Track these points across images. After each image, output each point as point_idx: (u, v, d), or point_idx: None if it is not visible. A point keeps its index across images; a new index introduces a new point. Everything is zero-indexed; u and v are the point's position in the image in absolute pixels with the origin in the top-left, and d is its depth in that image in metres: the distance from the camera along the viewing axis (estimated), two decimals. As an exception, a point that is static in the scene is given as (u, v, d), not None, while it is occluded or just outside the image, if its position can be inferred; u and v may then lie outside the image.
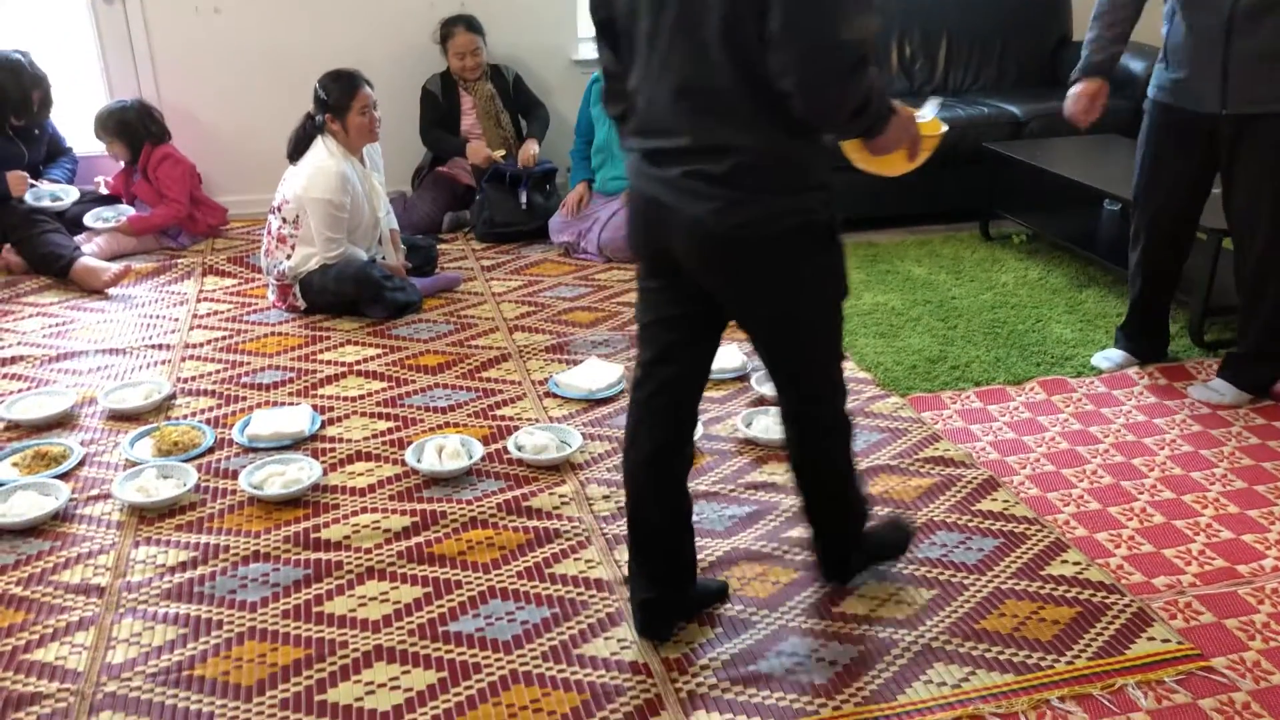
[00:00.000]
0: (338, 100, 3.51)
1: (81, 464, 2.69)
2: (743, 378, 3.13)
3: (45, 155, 4.29)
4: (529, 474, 2.64)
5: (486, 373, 3.21)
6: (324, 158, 3.51)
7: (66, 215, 4.13)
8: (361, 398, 3.05)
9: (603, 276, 4.02)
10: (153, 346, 3.41)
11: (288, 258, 3.59)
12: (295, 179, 3.55)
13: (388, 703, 1.89)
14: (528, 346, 3.39)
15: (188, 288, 3.92)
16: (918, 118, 1.85)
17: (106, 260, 3.98)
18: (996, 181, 4.31)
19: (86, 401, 3.02)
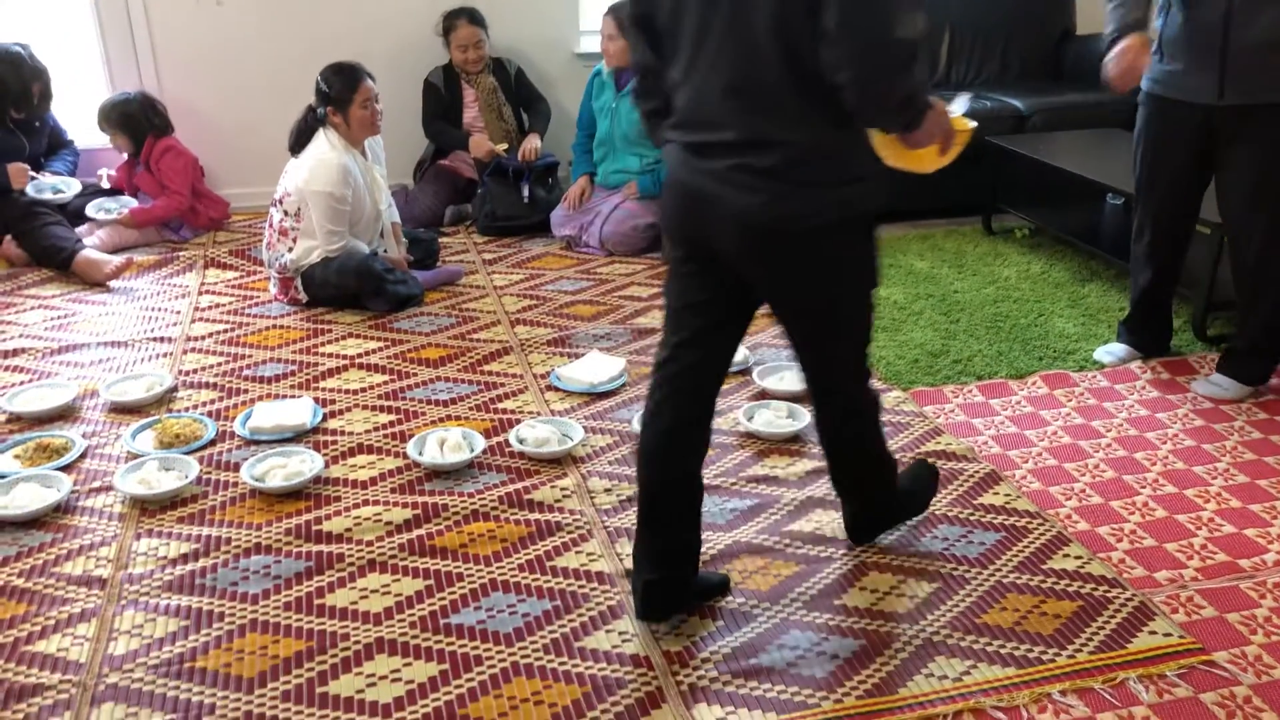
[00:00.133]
0: (339, 93, 3.50)
1: (83, 456, 2.69)
2: (744, 371, 3.13)
3: (46, 148, 4.29)
4: (530, 467, 2.64)
5: (488, 366, 3.21)
6: (325, 150, 3.51)
7: (68, 208, 4.13)
8: (363, 391, 3.05)
9: (604, 270, 4.02)
10: (154, 339, 3.41)
11: (289, 250, 3.59)
12: (297, 172, 3.54)
13: (389, 695, 1.89)
14: (529, 340, 3.39)
15: (189, 280, 3.92)
16: (949, 113, 1.87)
17: (108, 253, 3.98)
18: (999, 176, 4.30)
19: (88, 394, 3.03)
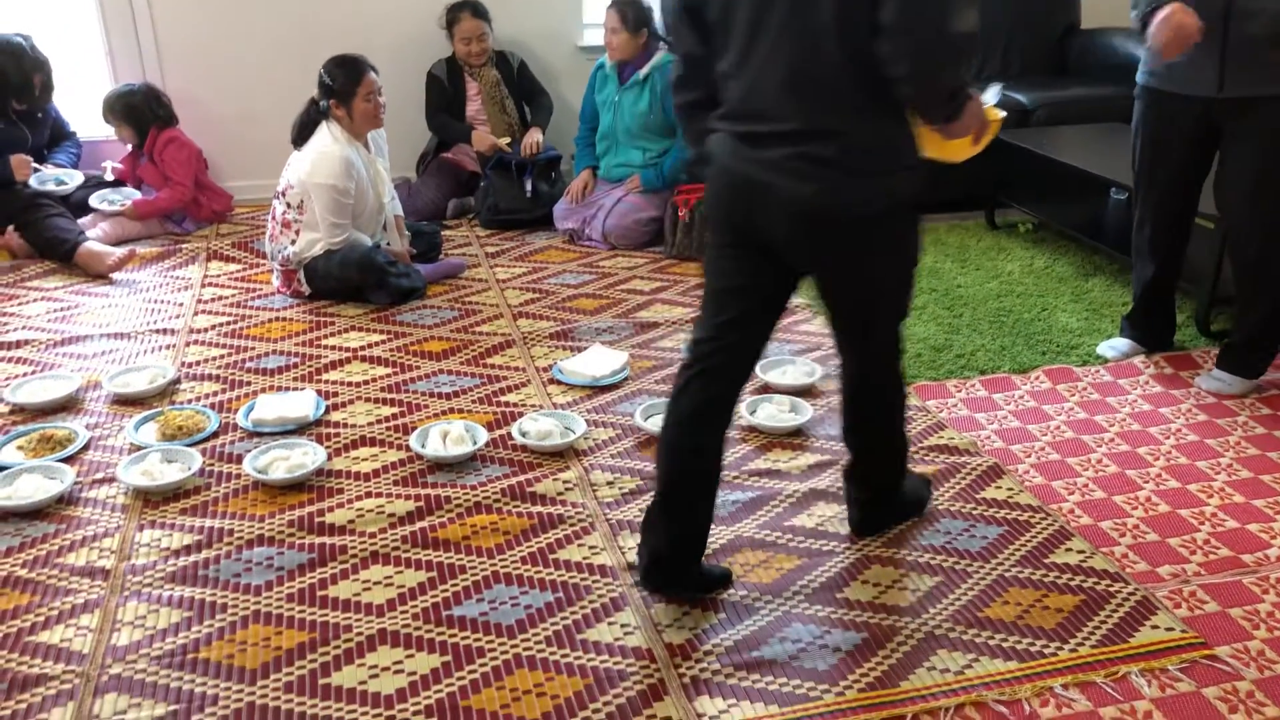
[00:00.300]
0: (343, 86, 3.50)
1: (86, 448, 2.69)
2: (747, 365, 3.12)
3: (49, 139, 4.28)
4: (533, 460, 2.64)
5: (491, 359, 3.21)
6: (328, 143, 3.50)
7: (71, 199, 4.13)
8: (366, 383, 3.05)
9: (607, 264, 4.02)
10: (157, 331, 3.41)
11: (292, 243, 3.58)
12: (300, 164, 3.54)
13: (391, 686, 1.89)
14: (532, 333, 3.39)
15: (192, 273, 3.91)
16: (983, 103, 1.93)
17: (111, 245, 3.98)
18: (1003, 170, 4.29)
19: (91, 385, 3.03)
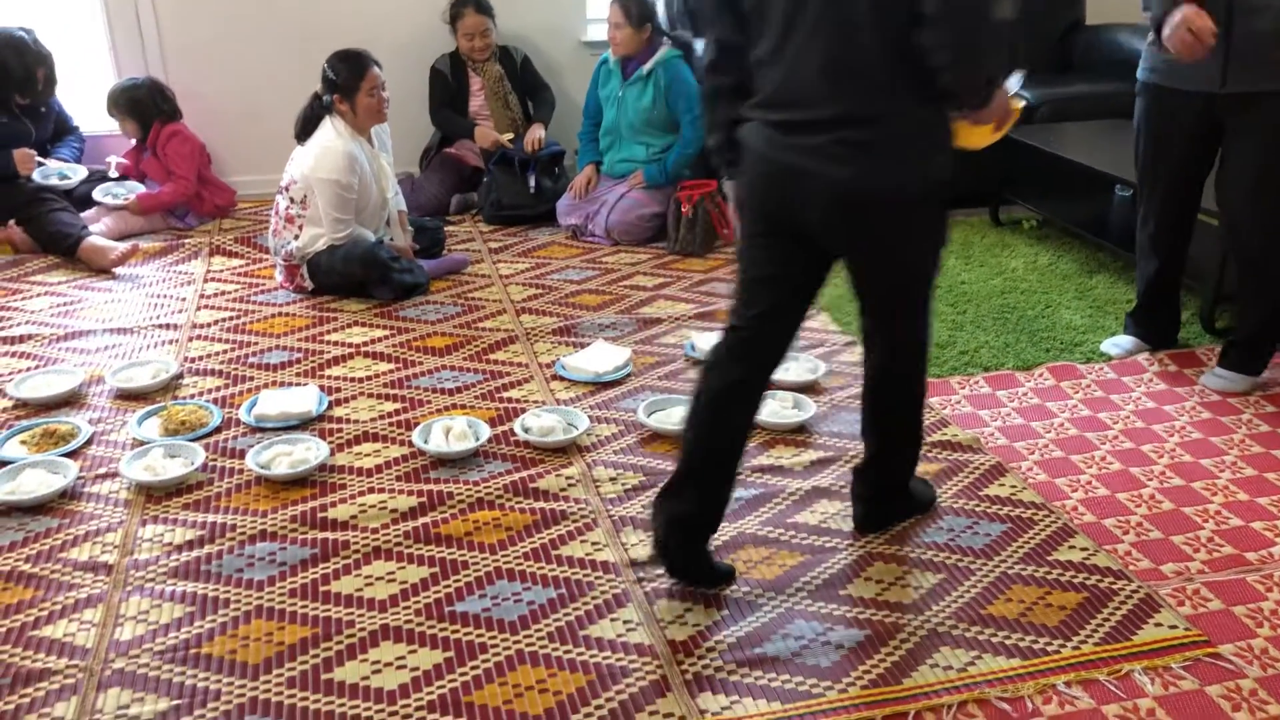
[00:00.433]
0: (346, 81, 3.49)
1: (89, 442, 2.69)
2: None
3: (52, 134, 4.28)
4: (536, 456, 2.64)
5: (494, 355, 3.21)
6: (332, 138, 3.50)
7: (74, 194, 4.14)
8: (369, 379, 3.05)
9: (610, 259, 4.01)
10: (160, 326, 3.41)
11: (295, 238, 3.58)
12: (303, 159, 3.54)
13: (394, 681, 1.89)
14: (535, 329, 3.38)
15: (195, 268, 3.92)
16: (1006, 91, 1.97)
17: (114, 240, 3.98)
18: (1007, 166, 4.28)
19: (94, 380, 3.03)
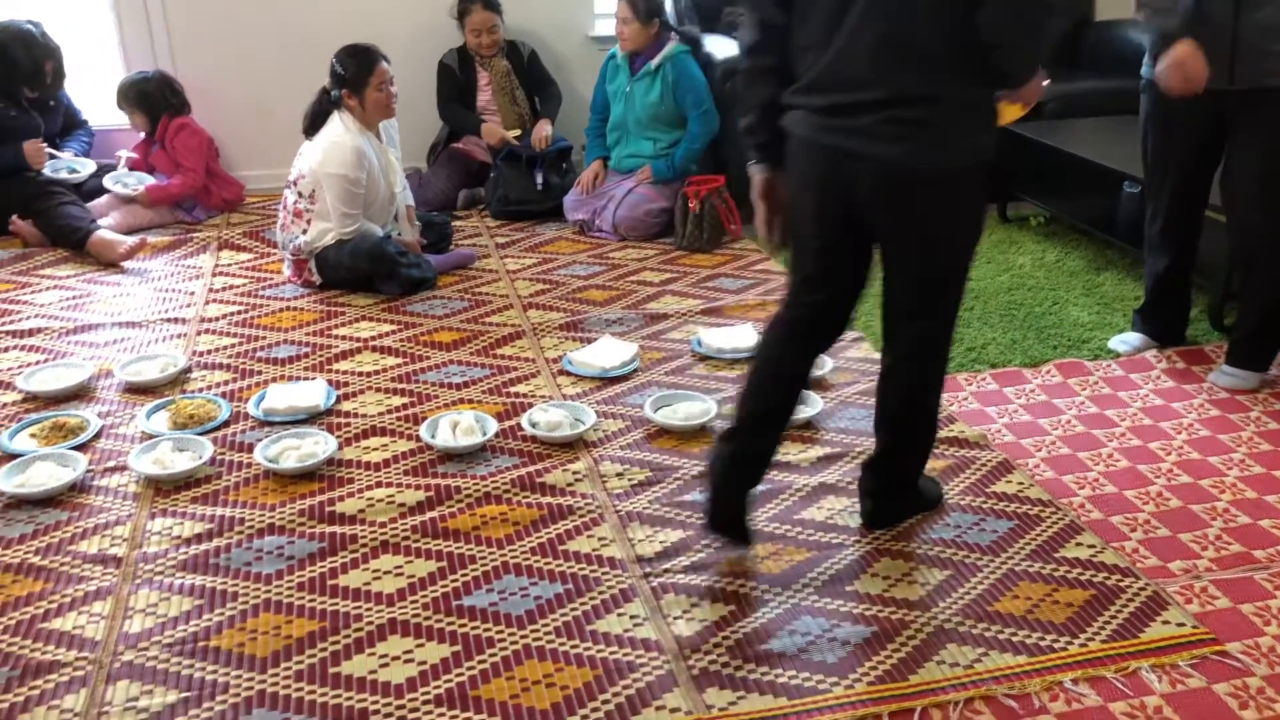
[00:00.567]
0: (355, 75, 3.50)
1: (98, 436, 2.70)
2: (757, 357, 3.12)
3: (61, 128, 4.30)
4: (542, 451, 2.64)
5: (501, 350, 3.21)
6: (340, 133, 3.51)
7: (83, 188, 4.15)
8: (376, 373, 3.06)
9: (617, 255, 4.01)
10: (169, 320, 3.42)
11: (303, 233, 3.59)
12: (311, 154, 3.54)
13: (401, 675, 1.90)
14: (542, 324, 3.39)
15: (203, 262, 3.92)
16: None
17: (122, 234, 3.99)
18: (1015, 163, 4.27)
19: (103, 374, 3.04)
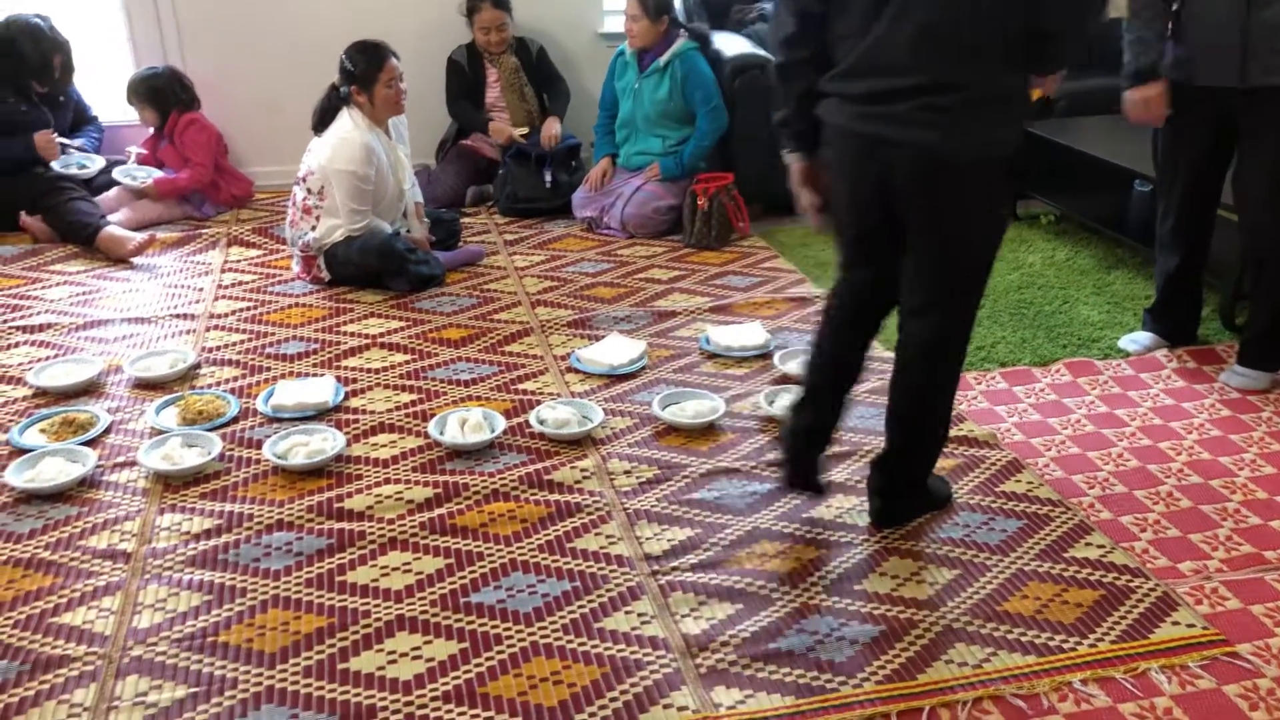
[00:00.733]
0: (364, 72, 3.50)
1: (108, 431, 2.71)
2: (765, 355, 3.12)
3: (71, 123, 4.31)
4: (550, 448, 2.64)
5: (509, 347, 3.21)
6: (349, 129, 3.51)
7: (93, 183, 4.16)
8: (385, 370, 3.06)
9: (625, 252, 4.01)
10: (178, 316, 3.43)
11: (312, 229, 3.59)
12: (320, 150, 3.55)
13: (409, 672, 1.90)
14: (550, 321, 3.39)
15: (213, 258, 3.93)
16: None
17: (131, 230, 4.00)
18: (1025, 161, 4.24)
19: (113, 370, 3.05)
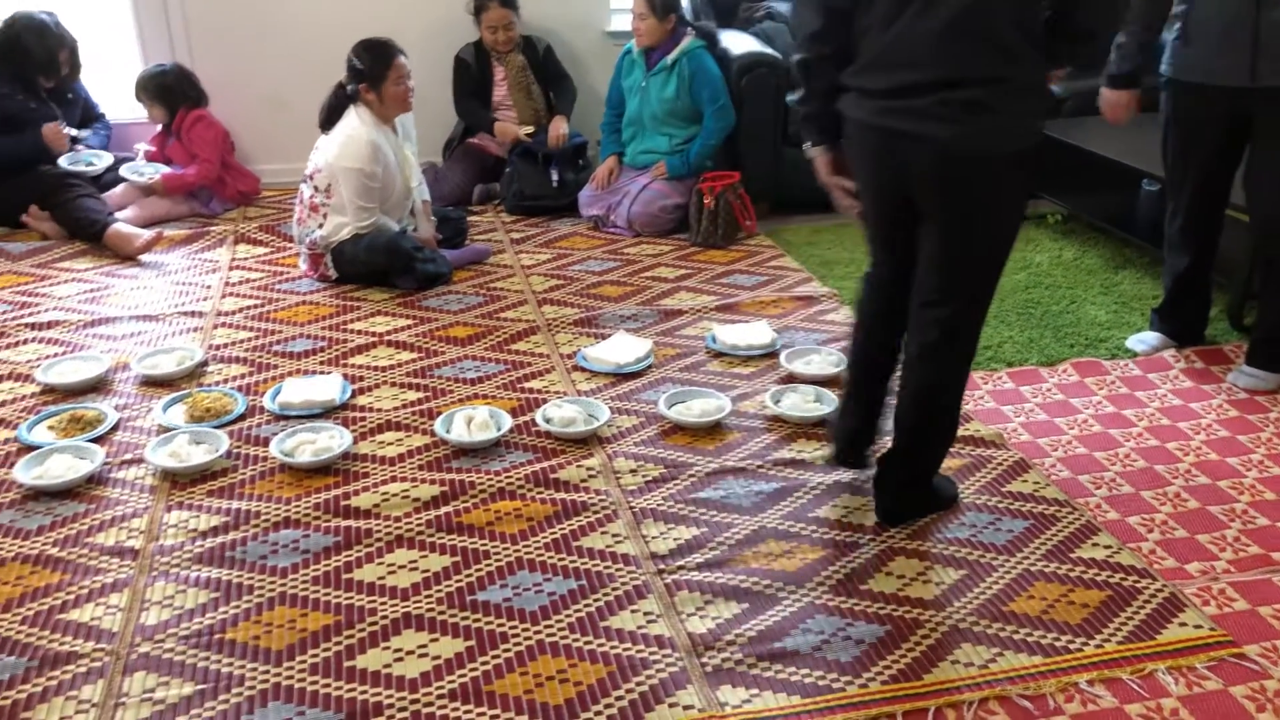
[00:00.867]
0: (374, 70, 3.50)
1: (116, 428, 2.72)
2: (772, 354, 3.12)
3: (79, 121, 4.32)
4: (557, 446, 2.64)
5: (515, 345, 3.21)
6: (356, 126, 3.51)
7: (101, 181, 4.17)
8: (391, 368, 3.06)
9: (632, 250, 4.01)
10: (185, 313, 3.44)
11: (320, 226, 3.60)
12: (327, 148, 3.55)
13: (416, 670, 1.91)
14: (556, 320, 3.39)
15: (220, 256, 3.94)
16: None
17: (139, 227, 4.01)
18: (1032, 160, 4.23)
19: (120, 367, 3.06)
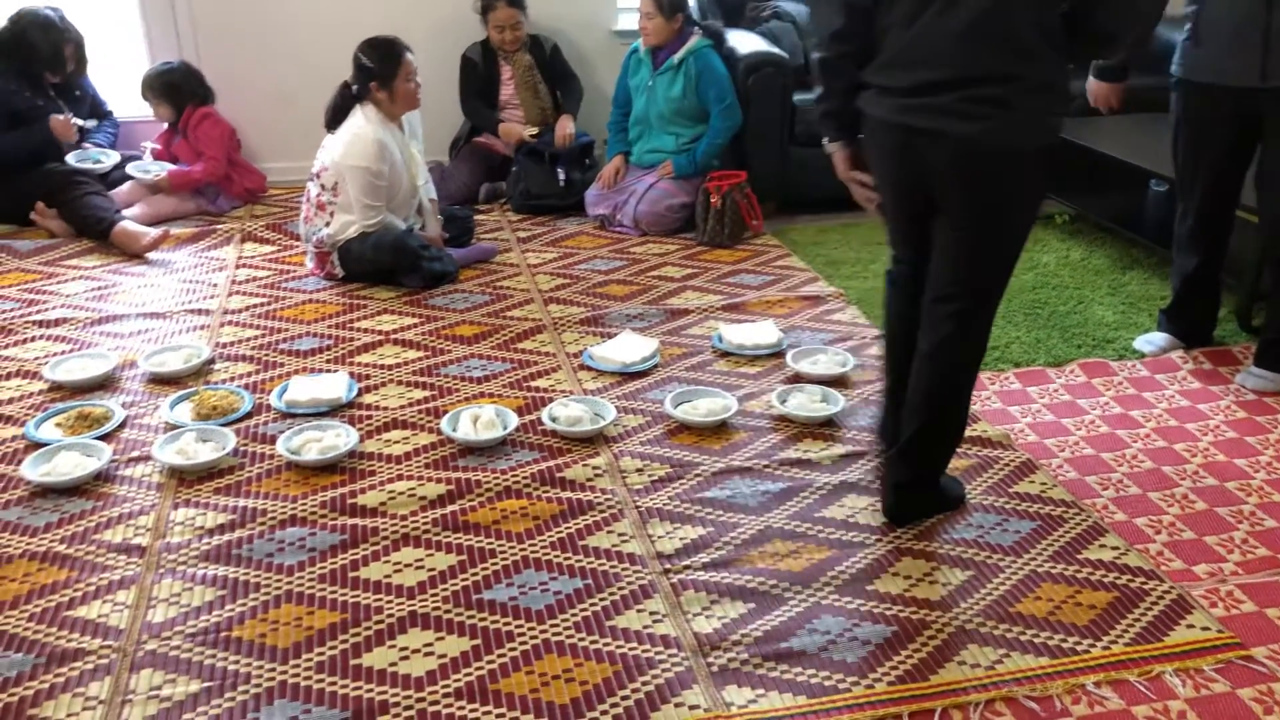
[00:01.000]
0: (383, 68, 3.50)
1: (123, 426, 2.72)
2: (778, 354, 3.11)
3: (87, 118, 4.32)
4: (563, 446, 2.64)
5: (521, 344, 3.21)
6: (362, 125, 3.51)
7: (108, 178, 4.18)
8: (398, 366, 3.06)
9: (638, 250, 4.01)
10: (192, 311, 3.44)
11: (326, 225, 3.60)
12: (334, 146, 3.55)
13: (421, 668, 1.91)
14: (563, 318, 3.39)
15: (227, 253, 3.95)
16: None
17: (146, 225, 4.02)
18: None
19: (127, 364, 3.06)
